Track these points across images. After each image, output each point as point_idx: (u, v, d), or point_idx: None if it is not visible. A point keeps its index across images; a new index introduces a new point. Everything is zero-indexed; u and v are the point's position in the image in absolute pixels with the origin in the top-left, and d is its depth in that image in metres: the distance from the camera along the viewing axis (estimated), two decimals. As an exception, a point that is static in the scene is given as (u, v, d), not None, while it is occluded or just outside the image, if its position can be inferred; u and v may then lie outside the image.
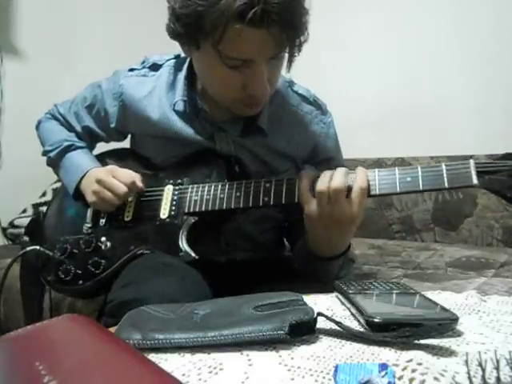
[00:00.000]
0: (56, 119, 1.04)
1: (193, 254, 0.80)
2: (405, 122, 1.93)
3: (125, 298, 0.72)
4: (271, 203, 0.78)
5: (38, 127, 1.07)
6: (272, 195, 0.78)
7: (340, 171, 0.73)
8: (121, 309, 0.71)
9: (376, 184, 0.72)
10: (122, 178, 0.87)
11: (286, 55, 0.77)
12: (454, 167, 0.69)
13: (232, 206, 0.81)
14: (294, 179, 0.78)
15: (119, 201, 0.87)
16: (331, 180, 0.71)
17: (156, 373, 0.33)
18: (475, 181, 0.67)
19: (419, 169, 0.70)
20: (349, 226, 0.74)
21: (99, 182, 0.87)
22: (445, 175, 0.68)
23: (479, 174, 0.67)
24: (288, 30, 0.71)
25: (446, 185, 0.68)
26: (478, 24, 1.78)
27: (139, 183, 0.88)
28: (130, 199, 0.91)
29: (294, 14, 0.70)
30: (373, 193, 0.72)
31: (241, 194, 0.81)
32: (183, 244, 0.82)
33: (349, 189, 0.71)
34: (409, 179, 0.70)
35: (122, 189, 0.86)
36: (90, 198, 0.89)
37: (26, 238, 0.93)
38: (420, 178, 0.70)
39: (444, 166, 0.69)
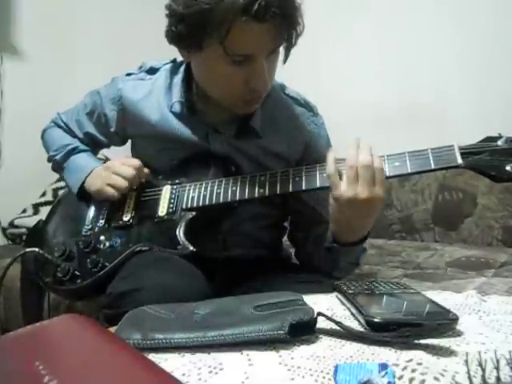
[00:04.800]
0: (59, 127, 1.06)
1: (190, 247, 0.81)
2: (404, 122, 1.92)
3: (122, 289, 0.73)
4: (266, 194, 0.80)
5: (42, 136, 1.09)
6: (267, 186, 0.81)
7: (366, 146, 0.72)
8: (119, 300, 0.71)
9: None
10: (130, 162, 0.91)
11: (282, 50, 0.79)
12: (439, 150, 0.72)
13: (229, 199, 0.83)
14: (287, 171, 0.81)
15: (127, 184, 0.89)
16: (358, 156, 0.71)
17: (156, 373, 0.33)
18: (460, 161, 0.70)
19: (406, 153, 0.74)
20: (375, 207, 0.74)
21: (107, 168, 0.91)
22: (431, 157, 0.72)
23: (463, 155, 0.71)
24: (287, 23, 0.74)
25: (433, 166, 0.71)
26: (477, 24, 1.78)
27: (145, 169, 0.92)
28: (128, 200, 0.92)
29: (292, 7, 0.74)
30: None
31: (237, 187, 0.83)
32: (180, 237, 0.83)
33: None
34: (397, 164, 0.74)
35: (130, 172, 0.89)
36: (97, 186, 0.92)
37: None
38: (407, 161, 0.73)
39: (430, 150, 0.73)
